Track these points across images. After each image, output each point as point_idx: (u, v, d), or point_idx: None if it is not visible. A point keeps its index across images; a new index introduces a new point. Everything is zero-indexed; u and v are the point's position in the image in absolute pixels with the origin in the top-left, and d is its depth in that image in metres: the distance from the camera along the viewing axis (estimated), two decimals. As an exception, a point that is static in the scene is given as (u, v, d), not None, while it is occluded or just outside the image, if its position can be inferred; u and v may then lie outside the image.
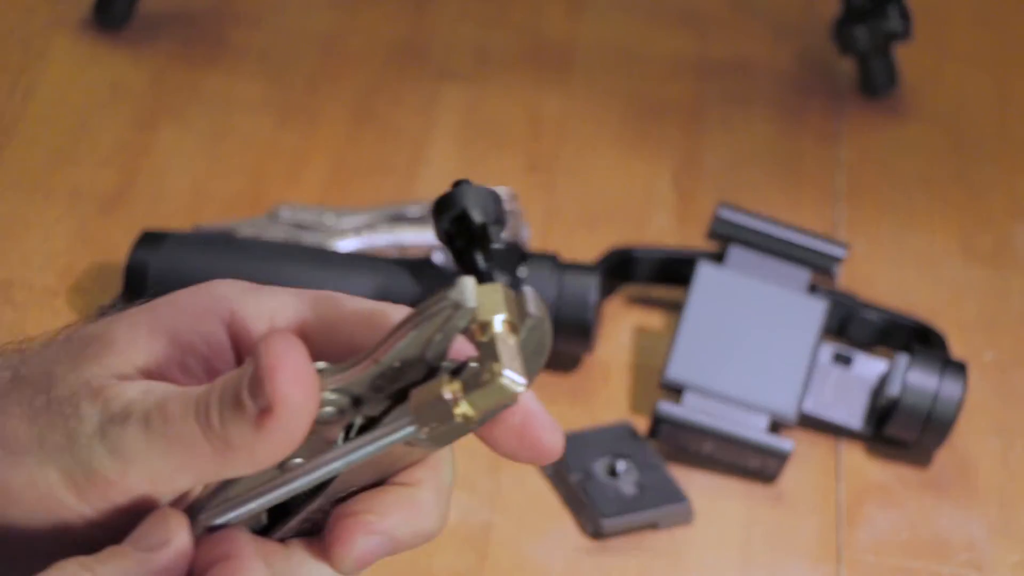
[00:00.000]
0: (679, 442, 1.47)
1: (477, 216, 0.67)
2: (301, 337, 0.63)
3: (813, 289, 1.55)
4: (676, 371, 1.48)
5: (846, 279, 1.64)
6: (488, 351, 0.59)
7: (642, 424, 1.49)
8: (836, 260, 1.56)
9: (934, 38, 1.94)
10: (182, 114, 1.77)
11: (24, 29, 1.84)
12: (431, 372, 0.62)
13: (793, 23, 1.97)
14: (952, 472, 1.49)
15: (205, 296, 0.65)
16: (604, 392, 1.53)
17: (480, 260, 0.65)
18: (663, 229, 1.68)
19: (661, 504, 1.42)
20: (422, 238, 1.56)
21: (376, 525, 0.67)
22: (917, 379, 1.48)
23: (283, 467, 0.63)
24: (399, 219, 1.60)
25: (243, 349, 0.66)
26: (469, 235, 0.66)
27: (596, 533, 1.40)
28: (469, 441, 1.63)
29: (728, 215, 1.56)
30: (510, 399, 0.60)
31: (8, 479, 0.62)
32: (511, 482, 1.45)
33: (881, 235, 1.72)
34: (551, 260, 1.51)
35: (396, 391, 0.62)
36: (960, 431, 1.51)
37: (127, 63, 1.82)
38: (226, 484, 0.64)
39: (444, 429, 0.61)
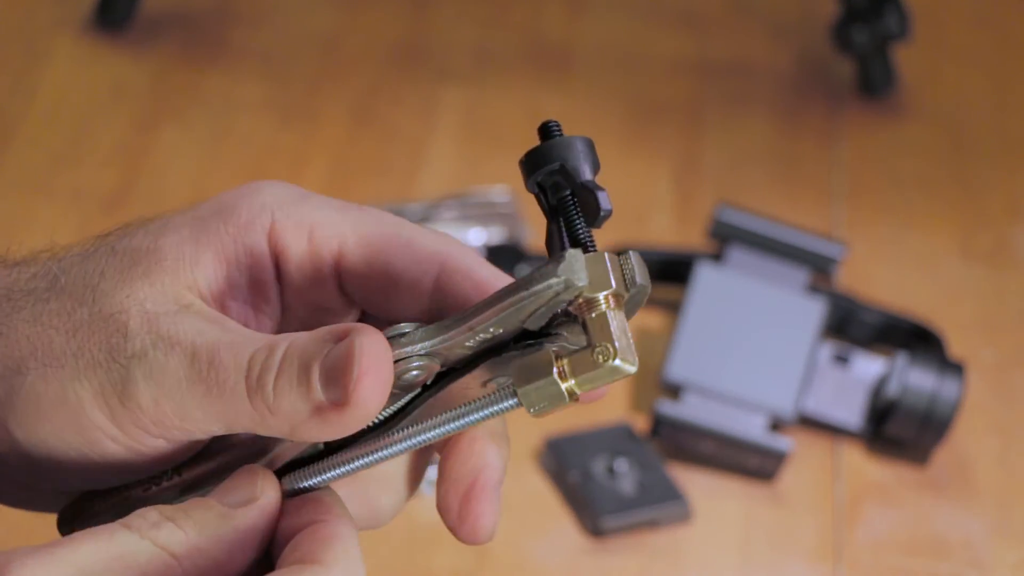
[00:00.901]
0: (678, 441, 1.47)
1: (585, 172, 0.61)
2: (338, 256, 0.62)
3: (812, 289, 1.56)
4: (675, 371, 1.48)
5: (845, 279, 1.64)
6: (598, 330, 0.58)
7: (641, 423, 1.49)
8: (835, 260, 1.57)
9: (933, 39, 1.94)
10: (183, 114, 1.77)
11: (26, 30, 1.85)
12: (524, 333, 0.60)
13: (792, 24, 1.97)
14: (950, 471, 1.50)
15: (249, 204, 0.63)
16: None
17: (581, 225, 0.60)
18: (662, 229, 1.69)
19: (660, 503, 1.42)
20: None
21: (498, 476, 0.66)
22: (916, 379, 1.48)
23: (374, 428, 0.61)
24: (399, 219, 1.60)
25: (284, 261, 0.63)
26: (570, 193, 0.60)
27: (595, 532, 1.41)
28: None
29: (727, 215, 1.57)
30: (619, 379, 0.58)
31: (40, 392, 0.60)
32: (511, 482, 1.45)
33: (880, 235, 1.72)
34: (551, 260, 1.51)
35: (483, 349, 0.60)
36: (958, 431, 1.51)
37: (128, 64, 1.82)
38: (316, 446, 0.62)
39: (546, 404, 0.59)
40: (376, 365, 0.57)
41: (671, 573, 1.39)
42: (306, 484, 0.62)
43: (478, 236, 1.61)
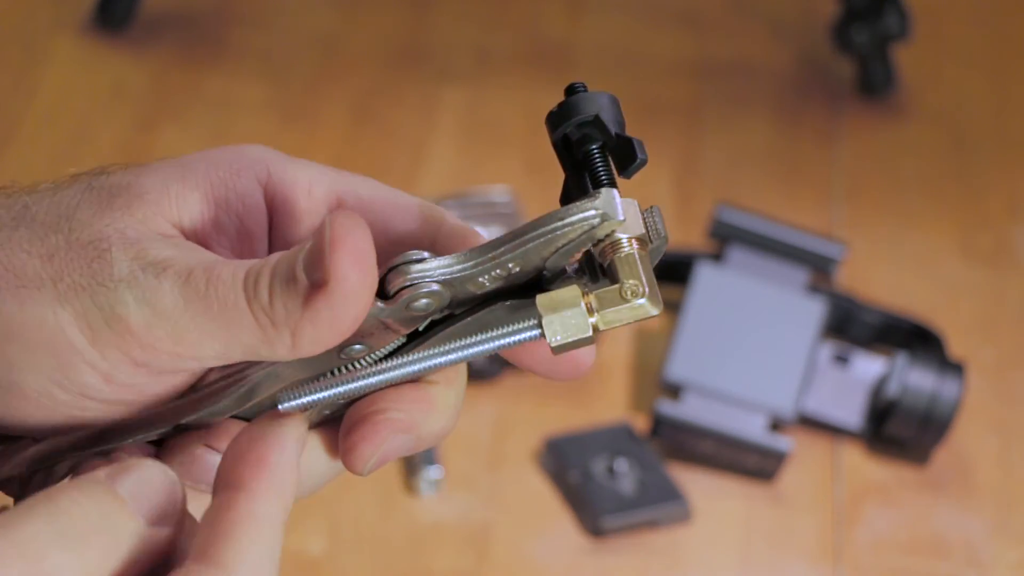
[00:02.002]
0: (678, 441, 1.47)
1: (613, 126, 0.60)
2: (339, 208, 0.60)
3: (812, 289, 1.56)
4: (675, 371, 1.48)
5: (845, 279, 1.64)
6: (628, 268, 0.57)
7: (641, 423, 1.49)
8: (835, 260, 1.57)
9: (933, 39, 1.94)
10: (183, 115, 1.77)
11: (26, 30, 1.85)
12: (533, 281, 0.58)
13: (792, 24, 1.97)
14: (950, 471, 1.50)
15: (240, 155, 0.61)
16: (604, 392, 1.53)
17: (606, 175, 0.59)
18: (662, 229, 1.69)
19: (660, 503, 1.42)
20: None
21: (402, 423, 0.60)
22: (915, 379, 1.48)
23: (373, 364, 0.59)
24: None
25: (280, 215, 0.61)
26: (600, 145, 0.60)
27: (595, 531, 1.41)
28: (469, 440, 1.64)
29: (727, 215, 1.57)
30: (642, 319, 0.58)
31: (13, 312, 0.56)
32: (511, 482, 1.45)
33: (880, 235, 1.72)
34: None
35: (491, 292, 0.58)
36: (958, 431, 1.51)
37: (128, 64, 1.82)
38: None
39: (569, 336, 0.57)
40: (349, 233, 0.54)
41: (671, 573, 1.39)
42: (304, 400, 0.58)
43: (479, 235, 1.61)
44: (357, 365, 0.59)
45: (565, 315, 0.57)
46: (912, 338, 1.56)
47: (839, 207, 1.75)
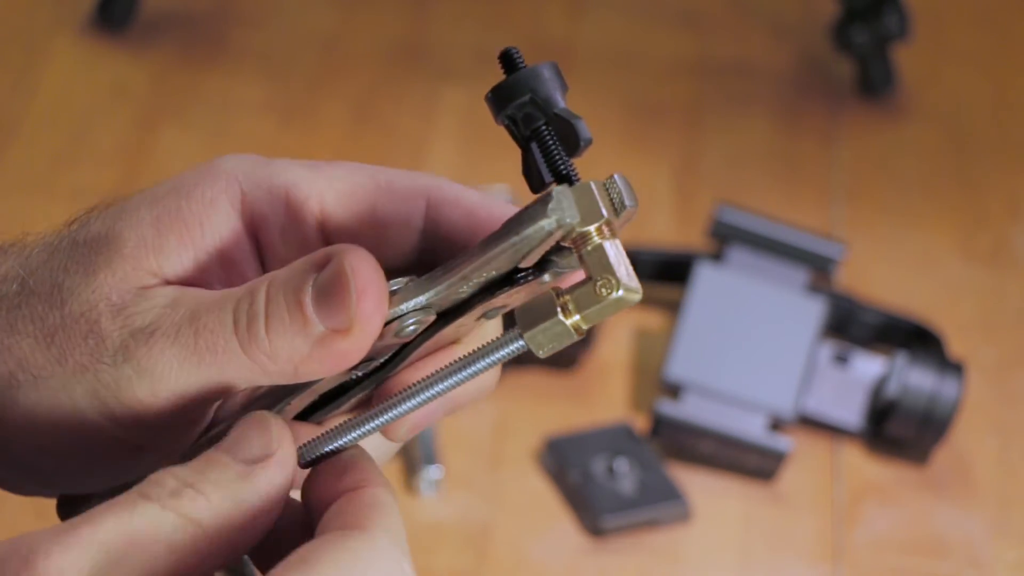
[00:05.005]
0: (678, 441, 1.47)
1: (558, 101, 0.58)
2: (321, 216, 0.60)
3: (812, 289, 1.56)
4: (675, 370, 1.48)
5: (844, 279, 1.65)
6: (597, 262, 0.56)
7: (641, 423, 1.49)
8: (834, 260, 1.57)
9: (933, 39, 1.94)
10: (183, 115, 1.77)
11: (26, 30, 1.85)
12: (517, 272, 0.58)
13: (792, 24, 1.98)
14: (950, 471, 1.50)
15: (212, 179, 0.60)
16: (604, 391, 1.53)
17: (560, 157, 0.57)
18: (662, 229, 1.69)
19: (660, 502, 1.42)
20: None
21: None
22: (915, 379, 1.48)
23: (369, 375, 0.59)
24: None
25: (259, 229, 0.60)
26: (544, 123, 0.58)
27: (595, 531, 1.41)
28: (470, 442, 1.64)
29: (727, 215, 1.57)
30: (624, 309, 0.56)
31: (31, 405, 0.58)
32: (511, 481, 1.45)
33: (879, 235, 1.72)
34: (551, 260, 1.52)
35: (477, 291, 0.58)
36: (958, 430, 1.51)
37: (128, 64, 1.82)
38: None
39: (555, 344, 0.57)
40: (372, 281, 0.54)
41: (671, 573, 1.39)
42: (328, 448, 0.59)
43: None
44: (356, 375, 0.60)
45: (545, 326, 0.57)
46: (912, 338, 1.56)
47: (839, 207, 1.75)
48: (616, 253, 0.56)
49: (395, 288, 0.58)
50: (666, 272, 1.59)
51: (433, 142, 1.77)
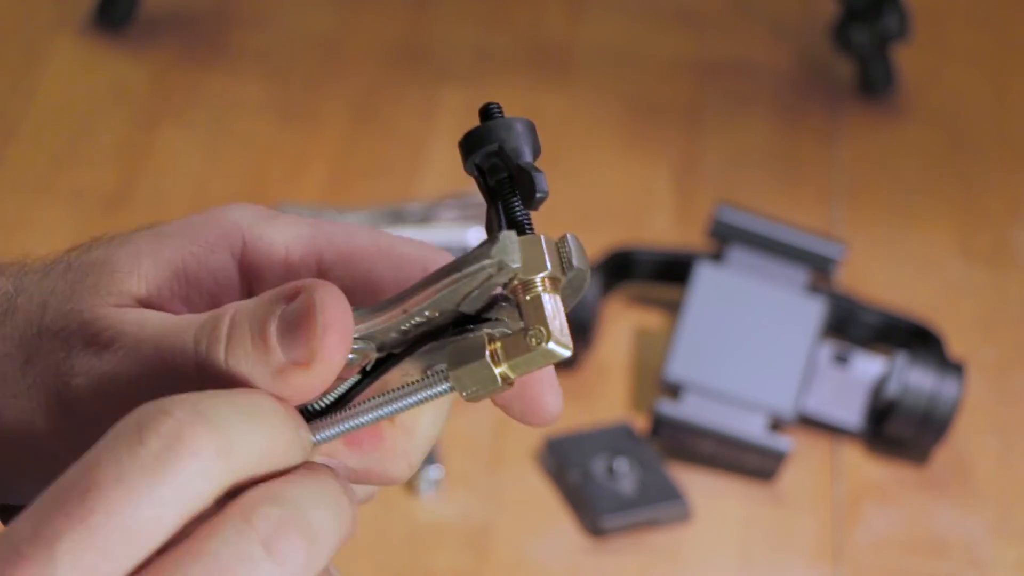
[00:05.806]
0: (678, 441, 1.47)
1: (525, 155, 0.59)
2: (317, 274, 0.61)
3: (812, 289, 1.56)
4: (675, 370, 1.48)
5: (845, 279, 1.65)
6: (532, 312, 0.56)
7: (641, 423, 1.49)
8: (834, 260, 1.57)
9: (933, 39, 1.94)
10: (183, 115, 1.77)
11: (26, 30, 1.85)
12: (461, 318, 0.59)
13: (792, 24, 1.98)
14: (950, 471, 1.50)
15: (217, 225, 0.61)
16: (604, 391, 1.53)
17: (519, 207, 0.58)
18: (662, 229, 1.69)
19: (660, 503, 1.42)
20: (422, 237, 1.57)
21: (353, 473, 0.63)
22: (915, 379, 1.48)
23: (313, 414, 0.59)
24: (399, 218, 1.60)
25: (254, 281, 0.61)
26: (508, 175, 0.59)
27: (595, 531, 1.41)
28: (469, 440, 1.64)
29: (727, 215, 1.57)
30: (552, 363, 0.56)
31: (7, 423, 0.59)
32: (511, 481, 1.45)
33: (879, 235, 1.73)
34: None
35: (421, 334, 0.59)
36: (958, 430, 1.51)
37: (128, 64, 1.82)
38: None
39: (479, 388, 0.58)
40: (339, 318, 0.55)
41: (671, 573, 1.39)
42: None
43: (478, 236, 1.61)
44: (313, 407, 0.60)
45: (471, 367, 0.57)
46: (912, 338, 1.57)
47: (839, 207, 1.75)
48: (554, 307, 0.57)
49: None
50: (666, 272, 1.59)
51: (433, 142, 1.77)
